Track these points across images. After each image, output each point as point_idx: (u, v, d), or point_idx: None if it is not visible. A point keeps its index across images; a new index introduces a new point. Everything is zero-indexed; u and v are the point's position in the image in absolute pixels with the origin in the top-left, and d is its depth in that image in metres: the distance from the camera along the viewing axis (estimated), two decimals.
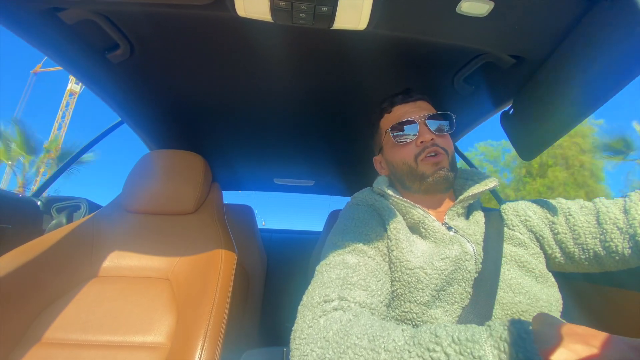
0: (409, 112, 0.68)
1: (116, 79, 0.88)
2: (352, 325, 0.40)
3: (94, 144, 1.42)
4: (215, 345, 0.63)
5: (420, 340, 0.34)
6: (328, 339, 0.39)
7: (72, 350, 0.68)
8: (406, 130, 0.66)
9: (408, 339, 0.35)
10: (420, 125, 0.65)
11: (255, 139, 1.30)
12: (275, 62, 0.83)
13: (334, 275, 0.50)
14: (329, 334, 0.40)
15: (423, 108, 0.69)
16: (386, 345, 0.35)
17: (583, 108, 0.63)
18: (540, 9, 0.58)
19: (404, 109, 0.70)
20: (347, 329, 0.39)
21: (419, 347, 0.33)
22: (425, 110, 0.68)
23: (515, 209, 0.66)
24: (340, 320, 0.41)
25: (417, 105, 0.69)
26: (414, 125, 0.65)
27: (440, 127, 0.66)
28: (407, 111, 0.69)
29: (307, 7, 0.55)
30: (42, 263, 0.79)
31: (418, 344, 0.34)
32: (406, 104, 0.70)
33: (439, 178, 0.63)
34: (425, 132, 0.64)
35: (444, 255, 0.55)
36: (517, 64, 0.73)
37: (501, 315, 0.52)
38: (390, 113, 0.72)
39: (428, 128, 0.65)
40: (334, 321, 0.41)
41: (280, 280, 1.79)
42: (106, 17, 0.67)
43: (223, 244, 0.86)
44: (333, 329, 0.40)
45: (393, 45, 0.74)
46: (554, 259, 0.61)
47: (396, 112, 0.70)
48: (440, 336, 0.33)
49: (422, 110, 0.68)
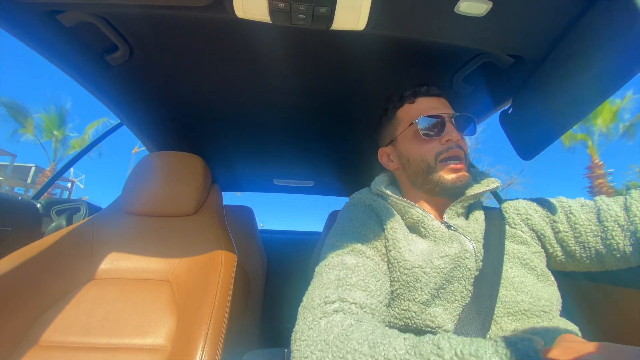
0: (435, 107, 0.64)
1: (115, 81, 0.88)
2: (354, 330, 0.39)
3: (93, 146, 1.42)
4: (215, 346, 0.63)
5: (422, 351, 0.33)
6: (328, 342, 0.39)
7: (71, 352, 0.68)
8: (433, 125, 0.62)
9: (409, 349, 0.34)
10: (448, 122, 0.62)
11: (254, 140, 1.30)
12: (274, 63, 0.83)
13: (333, 276, 0.50)
14: (330, 337, 0.39)
15: (447, 106, 0.66)
16: (386, 353, 0.34)
17: (582, 107, 0.64)
18: (538, 8, 0.58)
19: (429, 102, 0.66)
20: (348, 334, 0.39)
21: (420, 358, 0.33)
22: (449, 109, 0.65)
23: (517, 207, 0.65)
24: (341, 324, 0.41)
25: (441, 102, 0.66)
26: (441, 122, 0.62)
27: (464, 127, 0.64)
28: (432, 105, 0.65)
29: (305, 8, 0.55)
30: (41, 265, 0.79)
31: (419, 354, 0.33)
32: (430, 97, 0.67)
33: (457, 185, 0.61)
34: (453, 131, 0.61)
35: (444, 253, 0.54)
36: (516, 64, 0.74)
37: (503, 313, 0.52)
38: (413, 103, 0.67)
39: (454, 126, 0.62)
40: (335, 324, 0.41)
41: (281, 281, 1.79)
42: (105, 20, 0.67)
43: (223, 246, 0.86)
44: (334, 333, 0.40)
45: (392, 45, 0.74)
46: (555, 258, 0.61)
47: (421, 104, 0.66)
48: (443, 348, 0.32)
49: (447, 108, 0.65)
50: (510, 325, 0.51)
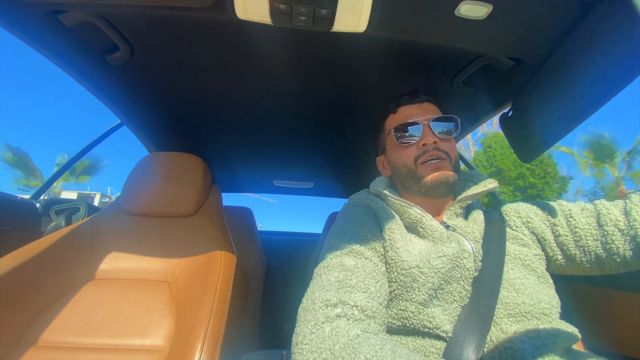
0: (414, 113, 0.67)
1: (116, 81, 0.88)
2: (361, 342, 0.39)
3: (92, 146, 1.42)
4: (214, 347, 0.63)
5: None
6: (334, 352, 0.39)
7: (70, 353, 0.68)
8: (410, 132, 0.65)
9: None
10: (424, 127, 0.64)
11: (254, 141, 1.30)
12: (274, 65, 0.83)
13: (332, 277, 0.50)
14: (336, 347, 0.39)
15: (429, 110, 0.68)
16: None
17: (582, 110, 0.64)
18: (538, 11, 0.58)
19: (409, 110, 0.69)
20: (355, 346, 0.39)
21: None
22: (431, 113, 0.67)
23: (517, 210, 0.65)
24: (347, 333, 0.41)
25: (423, 107, 0.69)
26: (418, 127, 0.65)
27: (444, 130, 0.65)
28: (412, 112, 0.68)
29: (306, 9, 0.55)
30: (40, 265, 0.78)
31: None
32: (412, 105, 0.69)
33: (438, 182, 0.62)
34: (428, 135, 0.64)
35: (442, 253, 0.54)
36: (516, 66, 0.74)
37: (503, 315, 0.52)
38: (395, 113, 0.71)
39: (432, 131, 0.64)
40: (341, 334, 0.41)
41: (280, 282, 1.79)
42: (106, 20, 0.67)
43: (222, 246, 0.86)
44: (340, 343, 0.39)
45: (392, 47, 0.75)
46: (555, 261, 0.61)
47: (401, 113, 0.70)
48: None
49: (428, 112, 0.67)
50: (511, 327, 0.51)
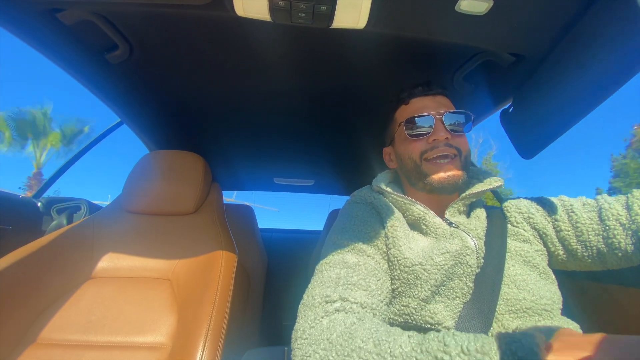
0: (427, 106, 0.65)
1: (115, 79, 0.88)
2: (357, 328, 0.39)
3: (93, 144, 1.42)
4: (216, 344, 0.63)
5: (429, 348, 0.33)
6: (331, 341, 0.39)
7: (72, 350, 0.68)
8: (421, 125, 0.63)
9: (415, 346, 0.34)
10: (437, 121, 0.62)
11: (255, 138, 1.30)
12: (274, 62, 0.83)
13: (334, 274, 0.50)
14: (333, 336, 0.39)
15: (442, 103, 0.66)
16: (392, 350, 0.35)
17: (583, 106, 0.63)
18: (539, 6, 0.58)
19: (423, 102, 0.67)
20: (352, 332, 0.39)
21: (426, 354, 0.33)
22: (444, 107, 0.65)
23: (518, 206, 0.65)
24: (344, 322, 0.41)
25: (436, 100, 0.66)
26: (430, 121, 0.62)
27: (457, 125, 0.63)
28: (425, 105, 0.66)
29: (306, 6, 0.55)
30: (41, 264, 0.79)
31: (426, 351, 0.33)
32: (425, 97, 0.67)
33: (446, 184, 0.61)
34: (440, 130, 0.62)
35: (444, 250, 0.54)
36: (516, 62, 0.73)
37: (505, 311, 0.52)
38: (407, 104, 0.69)
39: (444, 125, 0.62)
40: (338, 323, 0.41)
41: (281, 280, 1.79)
42: (105, 18, 0.67)
43: (223, 244, 0.86)
44: (337, 331, 0.40)
45: (392, 44, 0.74)
46: (556, 257, 0.61)
47: (414, 105, 0.67)
48: (449, 345, 0.33)
49: (441, 106, 0.65)
50: (512, 323, 0.51)
